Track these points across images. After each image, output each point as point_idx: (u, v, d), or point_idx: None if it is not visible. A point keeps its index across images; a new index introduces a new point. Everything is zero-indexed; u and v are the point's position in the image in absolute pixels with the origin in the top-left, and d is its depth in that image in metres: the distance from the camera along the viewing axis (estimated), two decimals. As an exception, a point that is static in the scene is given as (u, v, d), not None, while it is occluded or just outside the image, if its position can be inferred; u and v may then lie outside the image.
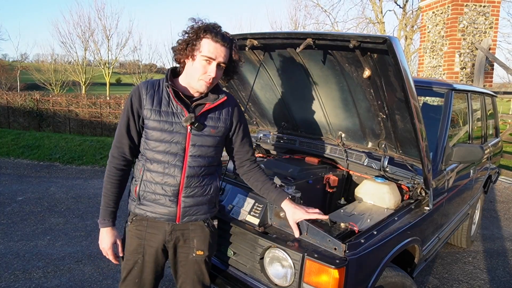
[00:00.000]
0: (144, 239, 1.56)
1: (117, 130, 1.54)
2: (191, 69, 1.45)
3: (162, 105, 1.47)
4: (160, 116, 1.46)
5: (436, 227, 2.37)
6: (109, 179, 1.53)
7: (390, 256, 1.69)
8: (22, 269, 3.02)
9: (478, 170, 3.29)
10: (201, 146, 1.51)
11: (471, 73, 7.08)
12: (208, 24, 1.44)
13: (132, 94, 1.50)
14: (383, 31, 16.85)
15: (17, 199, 4.79)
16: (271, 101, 2.67)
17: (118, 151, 1.53)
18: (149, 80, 1.53)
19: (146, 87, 1.49)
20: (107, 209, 1.55)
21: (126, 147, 1.52)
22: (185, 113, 1.47)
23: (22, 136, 8.58)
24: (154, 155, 1.48)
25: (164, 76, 1.54)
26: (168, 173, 1.48)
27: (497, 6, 7.02)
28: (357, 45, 1.61)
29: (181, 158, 1.48)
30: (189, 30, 1.43)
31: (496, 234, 4.20)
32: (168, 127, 1.46)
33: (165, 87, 1.48)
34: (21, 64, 28.30)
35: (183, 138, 1.48)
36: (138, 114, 1.49)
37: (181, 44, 1.44)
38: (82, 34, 19.92)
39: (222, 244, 1.84)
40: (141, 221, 1.56)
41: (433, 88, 2.67)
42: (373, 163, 2.30)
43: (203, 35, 1.40)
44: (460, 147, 2.33)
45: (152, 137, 1.48)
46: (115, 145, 1.53)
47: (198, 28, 1.41)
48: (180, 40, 1.45)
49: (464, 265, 3.38)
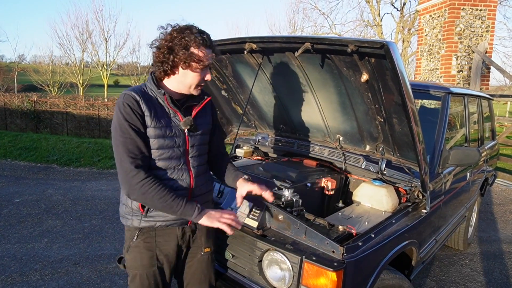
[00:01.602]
0: (155, 250, 1.53)
1: (122, 144, 1.37)
2: (186, 77, 1.44)
3: (159, 112, 1.46)
4: (159, 123, 1.45)
5: (433, 229, 2.38)
6: (157, 185, 1.38)
7: (388, 258, 1.70)
8: (19, 271, 3.01)
9: (475, 173, 3.31)
10: (198, 146, 1.57)
11: (468, 76, 7.13)
12: (198, 31, 1.42)
13: (126, 102, 1.39)
14: (380, 34, 16.94)
15: (14, 201, 4.78)
16: (270, 104, 2.69)
17: (141, 162, 1.39)
18: (133, 88, 1.46)
19: (138, 95, 1.42)
20: (187, 200, 1.43)
21: (145, 158, 1.42)
22: (179, 116, 1.49)
23: (20, 137, 8.55)
24: (158, 164, 1.47)
25: (148, 82, 1.50)
26: (177, 178, 1.49)
27: (493, 10, 7.08)
28: (355, 49, 1.62)
29: (185, 161, 1.52)
30: (179, 41, 1.38)
31: (493, 237, 4.22)
32: (169, 132, 1.47)
33: (158, 94, 1.46)
34: (18, 65, 28.22)
35: (183, 141, 1.50)
36: (143, 120, 1.41)
37: (173, 54, 1.39)
38: (80, 35, 19.90)
39: (221, 246, 1.85)
40: (148, 233, 1.52)
41: (430, 92, 2.69)
42: (370, 166, 2.31)
43: (197, 45, 1.39)
44: (457, 150, 2.35)
45: (155, 146, 1.45)
46: (134, 157, 1.37)
47: (189, 38, 1.38)
48: (168, 50, 1.39)
49: (461, 268, 3.40)
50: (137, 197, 1.41)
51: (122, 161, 1.38)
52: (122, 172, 1.38)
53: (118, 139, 1.38)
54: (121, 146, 1.38)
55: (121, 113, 1.38)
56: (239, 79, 2.60)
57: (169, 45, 1.39)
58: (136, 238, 1.51)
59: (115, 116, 1.41)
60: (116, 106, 1.43)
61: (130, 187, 1.38)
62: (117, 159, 1.40)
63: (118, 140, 1.39)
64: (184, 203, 1.41)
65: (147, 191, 1.37)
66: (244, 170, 2.34)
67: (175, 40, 1.38)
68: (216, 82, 2.74)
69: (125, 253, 1.57)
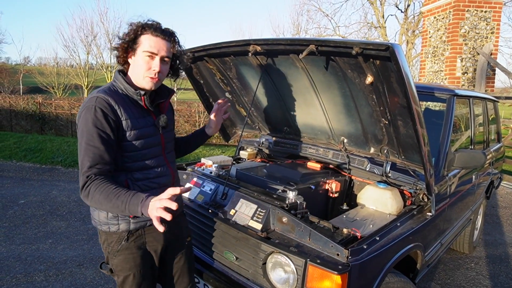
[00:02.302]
0: (146, 247, 1.56)
1: (85, 150, 1.33)
2: (135, 67, 1.45)
3: (135, 113, 1.45)
4: (138, 124, 1.45)
5: (438, 232, 2.36)
6: (106, 184, 1.30)
7: (393, 262, 1.69)
8: (24, 272, 3.02)
9: (480, 176, 3.28)
10: (170, 143, 1.64)
11: (472, 78, 7.09)
12: (147, 21, 1.44)
13: (99, 107, 1.35)
14: (384, 36, 16.89)
15: (19, 202, 4.80)
16: (274, 106, 2.68)
17: (97, 170, 1.33)
18: (105, 91, 1.41)
19: (111, 98, 1.38)
20: (133, 193, 1.29)
21: (107, 165, 1.36)
22: (152, 115, 1.52)
23: (25, 139, 8.60)
24: (141, 164, 1.48)
25: (117, 80, 1.47)
26: (161, 175, 1.54)
27: (498, 12, 7.04)
28: (359, 52, 1.62)
29: (163, 157, 1.57)
30: (129, 30, 1.42)
31: (499, 240, 4.19)
32: (148, 132, 1.49)
33: (134, 94, 1.44)
34: (24, 67, 28.44)
35: (160, 139, 1.55)
36: (117, 127, 1.38)
37: (122, 44, 1.43)
38: (85, 38, 20.00)
39: (225, 248, 1.85)
40: (136, 232, 1.53)
41: (435, 94, 2.68)
42: (375, 168, 2.30)
43: (142, 32, 1.41)
44: (462, 152, 2.34)
45: (137, 148, 1.44)
46: (91, 166, 1.32)
47: (136, 26, 1.42)
48: (121, 41, 1.43)
49: (466, 271, 3.37)
50: (89, 202, 1.33)
51: (81, 166, 1.35)
52: (80, 174, 1.35)
53: (82, 144, 1.35)
54: (83, 151, 1.34)
55: (92, 118, 1.34)
56: (243, 81, 2.61)
57: (126, 38, 1.43)
58: (126, 240, 1.50)
59: (83, 119, 1.35)
60: (85, 109, 1.36)
61: (81, 192, 1.33)
62: (79, 159, 1.37)
63: (81, 145, 1.35)
64: (130, 198, 1.26)
65: (93, 194, 1.29)
66: (248, 172, 2.34)
67: (130, 32, 1.42)
68: (220, 84, 2.75)
69: (111, 257, 1.53)
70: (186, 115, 10.52)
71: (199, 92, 2.83)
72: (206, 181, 2.23)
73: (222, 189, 2.08)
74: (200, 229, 2.01)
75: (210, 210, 1.99)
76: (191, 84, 2.80)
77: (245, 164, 2.68)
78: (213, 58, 2.51)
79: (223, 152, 7.94)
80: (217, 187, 2.14)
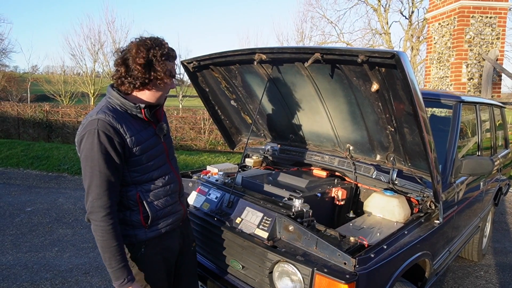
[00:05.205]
0: (162, 254, 1.58)
1: (97, 180, 1.33)
2: (158, 89, 1.47)
3: (137, 127, 1.46)
4: (142, 137, 1.46)
5: (446, 240, 2.34)
6: (114, 234, 1.36)
7: (401, 270, 1.67)
8: (30, 280, 3.03)
9: (488, 182, 3.25)
10: (171, 147, 1.67)
11: (478, 84, 7.05)
12: (168, 48, 1.45)
13: (102, 130, 1.33)
14: (389, 42, 16.91)
15: (25, 209, 4.84)
16: (279, 114, 2.69)
17: (111, 201, 1.36)
18: (104, 111, 1.38)
19: (112, 118, 1.37)
20: (126, 264, 1.39)
21: (117, 193, 1.40)
22: (152, 125, 1.54)
23: (32, 147, 8.69)
24: (150, 175, 1.50)
25: (111, 97, 1.45)
26: (169, 182, 1.57)
27: (503, 17, 7.02)
28: (365, 59, 1.62)
29: (169, 164, 1.60)
30: (150, 57, 1.39)
31: (508, 248, 4.12)
32: (152, 143, 1.51)
33: (133, 108, 1.44)
34: (31, 75, 28.81)
35: (163, 147, 1.58)
36: (122, 147, 1.39)
37: (142, 71, 1.39)
38: (92, 46, 20.26)
39: (231, 257, 1.84)
40: (153, 241, 1.54)
41: (441, 100, 2.67)
42: (381, 176, 2.29)
43: (165, 59, 1.43)
44: (470, 159, 2.32)
45: (144, 161, 1.46)
46: (106, 196, 1.34)
47: (159, 54, 1.40)
48: (139, 67, 1.38)
49: (475, 279, 3.31)
50: (92, 227, 1.37)
51: (88, 191, 1.35)
52: (88, 199, 1.35)
53: (87, 169, 1.34)
54: (89, 177, 1.34)
55: (96, 143, 1.33)
56: (248, 89, 2.62)
57: (144, 62, 1.38)
58: (143, 249, 1.51)
59: (87, 144, 1.33)
60: (87, 133, 1.34)
61: (87, 216, 1.38)
62: (85, 183, 1.36)
63: (86, 170, 1.35)
64: (122, 264, 1.36)
65: (107, 233, 1.34)
66: (254, 180, 2.34)
67: (150, 55, 1.39)
68: (226, 92, 2.76)
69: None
70: (191, 122, 10.57)
71: (205, 100, 2.85)
72: (212, 189, 2.24)
73: (228, 197, 2.08)
74: (206, 237, 2.01)
75: (216, 218, 1.99)
76: (196, 92, 2.82)
77: (251, 172, 2.68)
78: (218, 66, 2.53)
79: (228, 159, 7.95)
80: (223, 195, 2.14)
